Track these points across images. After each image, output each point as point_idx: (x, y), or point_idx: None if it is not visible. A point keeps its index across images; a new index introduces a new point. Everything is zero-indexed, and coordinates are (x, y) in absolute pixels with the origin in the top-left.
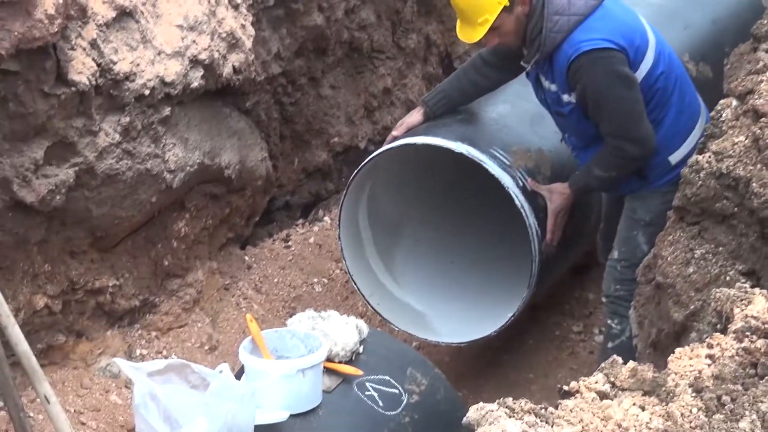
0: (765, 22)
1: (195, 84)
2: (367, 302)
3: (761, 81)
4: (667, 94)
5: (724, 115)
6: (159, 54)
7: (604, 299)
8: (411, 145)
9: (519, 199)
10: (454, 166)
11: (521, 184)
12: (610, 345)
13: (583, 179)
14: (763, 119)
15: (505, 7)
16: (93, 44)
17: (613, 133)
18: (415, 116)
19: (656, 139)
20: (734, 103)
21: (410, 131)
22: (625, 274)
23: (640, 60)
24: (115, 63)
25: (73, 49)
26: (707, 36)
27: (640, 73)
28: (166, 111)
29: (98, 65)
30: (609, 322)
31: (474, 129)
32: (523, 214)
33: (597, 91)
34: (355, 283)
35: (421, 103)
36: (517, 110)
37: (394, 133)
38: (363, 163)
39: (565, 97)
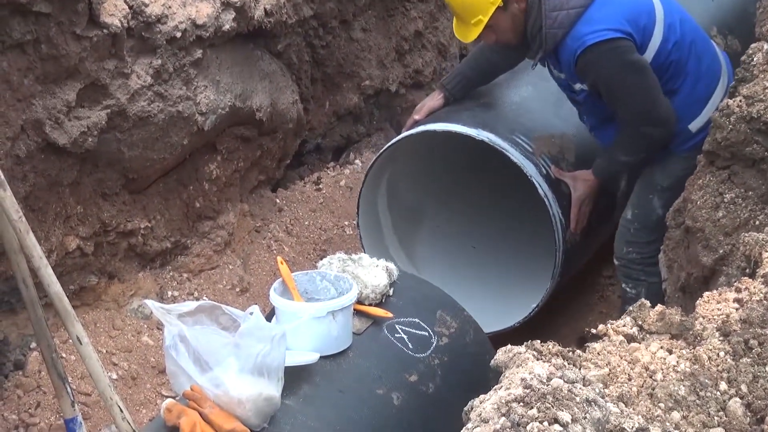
0: None
1: (226, 26)
2: None
3: None
4: (681, 64)
5: (755, 59)
6: None
7: (616, 262)
8: (431, 132)
9: (542, 187)
10: (476, 151)
11: (545, 171)
12: (628, 309)
13: (608, 166)
14: None
15: (498, 6)
16: None
17: (633, 119)
18: (436, 100)
19: (675, 110)
20: (765, 47)
21: (431, 115)
22: (637, 236)
23: (648, 39)
24: (146, 5)
25: None
26: (736, 7)
27: (650, 53)
28: (198, 53)
29: (130, 7)
30: (624, 286)
31: (496, 114)
32: (547, 203)
33: (609, 83)
34: None
35: (439, 87)
36: (540, 93)
37: (416, 117)
38: (383, 150)
39: (577, 86)
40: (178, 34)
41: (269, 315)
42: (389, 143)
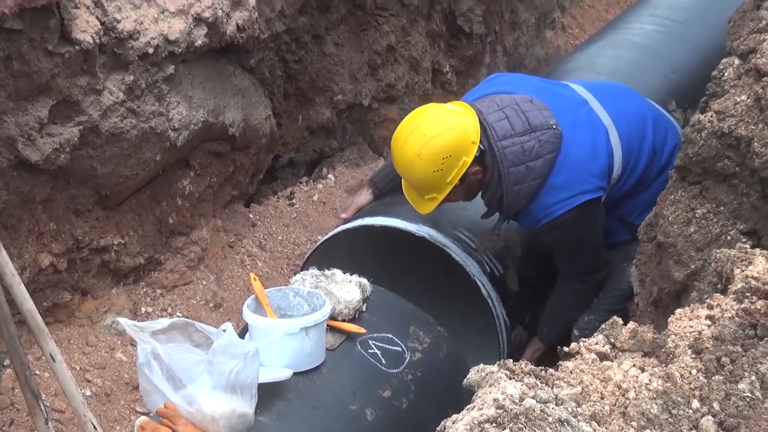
0: None
1: (199, 42)
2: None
3: (764, 40)
4: (643, 164)
5: (726, 74)
6: (162, 12)
7: (576, 332)
8: (369, 227)
9: (486, 287)
10: (419, 245)
11: (489, 269)
12: None
13: (558, 330)
14: (765, 78)
15: (455, 184)
16: (96, 2)
17: (582, 270)
18: (365, 196)
19: (651, 191)
20: (736, 62)
21: (363, 210)
22: (603, 304)
23: (612, 171)
24: (118, 21)
25: (76, 7)
26: (696, 79)
27: (615, 177)
28: (170, 69)
29: (102, 23)
30: None
31: (438, 207)
32: (490, 303)
33: (567, 245)
34: None
35: (369, 183)
36: None
37: (343, 216)
38: (317, 245)
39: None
40: (151, 50)
41: (242, 331)
42: (323, 238)
